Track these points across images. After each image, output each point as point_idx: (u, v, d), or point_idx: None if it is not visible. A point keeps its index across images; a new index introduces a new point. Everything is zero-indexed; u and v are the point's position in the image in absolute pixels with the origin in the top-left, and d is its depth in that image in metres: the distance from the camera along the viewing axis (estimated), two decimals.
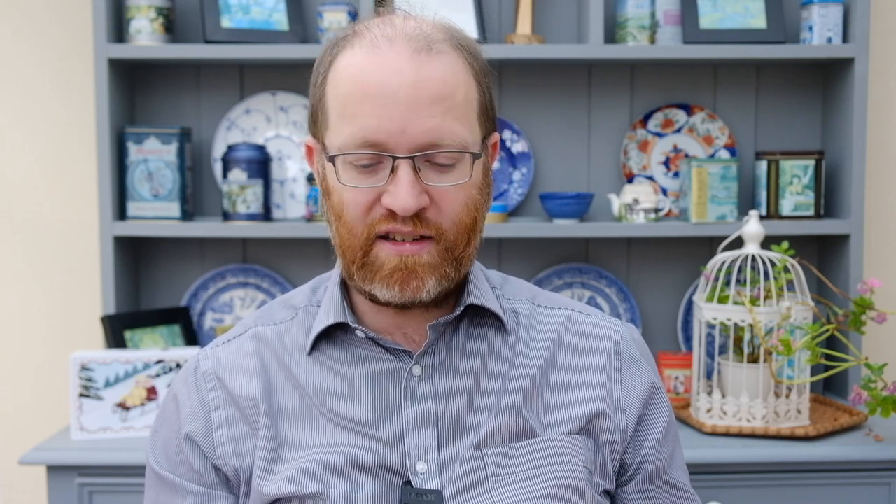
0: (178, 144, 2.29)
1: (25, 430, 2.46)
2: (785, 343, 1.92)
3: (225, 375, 1.16)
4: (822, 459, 1.95)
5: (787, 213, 2.32)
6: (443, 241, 1.07)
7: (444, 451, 1.11)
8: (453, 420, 1.12)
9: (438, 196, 1.05)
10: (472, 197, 1.08)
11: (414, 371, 1.12)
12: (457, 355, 1.14)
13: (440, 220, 1.06)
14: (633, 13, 2.28)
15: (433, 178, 1.05)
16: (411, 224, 1.05)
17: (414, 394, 1.11)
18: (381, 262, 1.07)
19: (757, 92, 2.46)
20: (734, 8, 2.33)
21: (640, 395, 1.18)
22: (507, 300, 1.21)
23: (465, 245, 1.09)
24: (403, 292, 1.07)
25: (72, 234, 2.46)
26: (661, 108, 2.44)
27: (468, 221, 1.08)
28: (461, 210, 1.07)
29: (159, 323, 2.31)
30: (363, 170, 1.05)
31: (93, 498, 1.97)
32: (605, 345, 1.20)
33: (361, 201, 1.06)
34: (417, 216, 1.05)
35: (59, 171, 2.45)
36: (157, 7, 2.27)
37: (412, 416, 1.11)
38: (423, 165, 1.04)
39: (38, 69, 2.44)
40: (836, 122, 2.37)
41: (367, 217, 1.06)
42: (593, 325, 1.21)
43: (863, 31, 2.25)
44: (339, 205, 1.07)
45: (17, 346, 2.48)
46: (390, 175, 1.04)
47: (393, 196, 1.04)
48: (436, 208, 1.06)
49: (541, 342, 1.18)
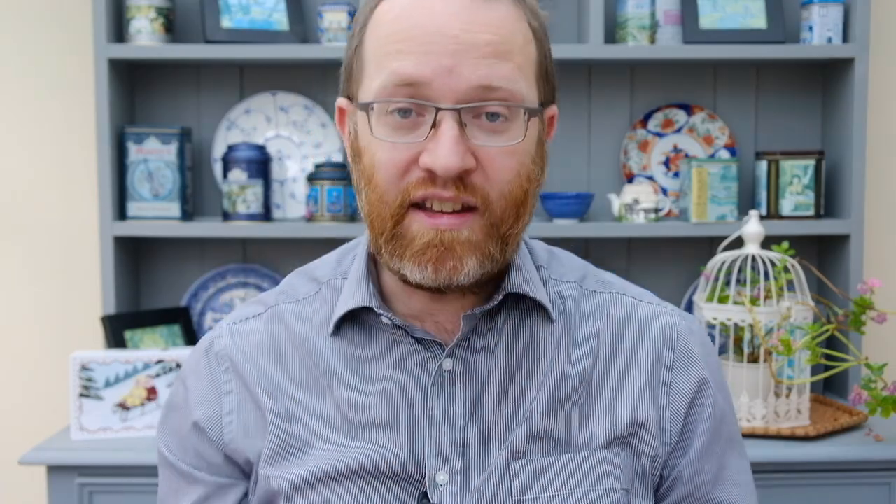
0: (178, 144, 2.29)
1: (25, 430, 2.46)
2: (785, 343, 1.92)
3: (238, 358, 1.05)
4: (822, 459, 1.95)
5: (787, 213, 2.32)
6: (488, 215, 0.92)
7: (469, 462, 0.98)
8: (483, 425, 0.99)
9: (487, 159, 0.91)
10: (524, 165, 0.94)
11: (444, 366, 0.99)
12: (493, 349, 1.01)
13: (487, 189, 0.92)
14: (633, 13, 2.28)
15: (481, 137, 0.91)
16: (453, 188, 0.91)
17: (441, 392, 0.99)
18: (413, 236, 0.92)
19: (757, 92, 2.46)
20: (734, 8, 2.33)
21: (687, 396, 1.04)
22: (554, 281, 1.06)
23: (513, 221, 0.94)
24: (438, 273, 0.92)
25: (72, 234, 2.46)
26: (661, 108, 2.44)
27: (519, 193, 0.93)
28: (512, 178, 0.93)
29: (159, 323, 2.31)
30: (401, 123, 0.91)
31: (93, 498, 1.97)
32: (659, 339, 1.05)
33: (397, 160, 0.91)
34: (462, 180, 0.91)
35: (59, 171, 2.45)
36: (157, 7, 2.27)
37: (437, 419, 0.98)
38: (470, 122, 0.91)
39: (38, 69, 2.44)
40: (836, 122, 2.37)
41: (402, 180, 0.92)
42: (647, 314, 1.06)
43: (863, 31, 2.25)
44: (371, 166, 0.93)
45: (17, 346, 2.48)
46: (431, 130, 0.90)
47: (433, 154, 0.90)
48: (482, 173, 0.92)
49: (586, 335, 1.04)
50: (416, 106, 0.91)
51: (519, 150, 0.93)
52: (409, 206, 0.92)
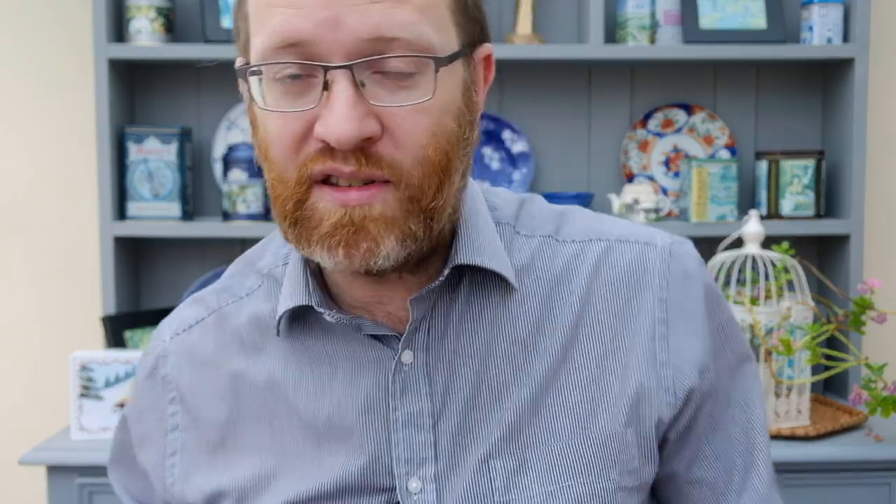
0: (178, 144, 2.29)
1: (25, 430, 2.46)
2: (785, 343, 1.92)
3: (185, 386, 0.94)
4: (822, 459, 1.95)
5: (787, 213, 2.32)
6: (403, 186, 0.78)
7: (443, 464, 0.86)
8: (454, 422, 0.87)
9: (393, 122, 0.77)
10: (441, 125, 0.79)
11: (403, 359, 0.86)
12: (455, 333, 0.87)
13: (397, 157, 0.77)
14: (633, 13, 2.28)
15: (384, 96, 0.76)
16: (354, 162, 0.76)
17: (404, 390, 0.86)
18: (319, 216, 0.78)
19: (757, 92, 2.46)
20: (734, 8, 2.33)
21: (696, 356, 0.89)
22: (525, 238, 0.91)
23: (435, 192, 0.79)
24: (351, 258, 0.78)
25: (72, 234, 2.46)
26: (661, 108, 2.44)
27: (438, 159, 0.78)
28: (426, 142, 0.78)
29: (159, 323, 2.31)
30: (291, 88, 0.78)
31: (93, 498, 1.97)
32: (650, 288, 0.89)
33: (290, 132, 0.78)
34: (364, 151, 0.76)
35: (59, 171, 2.45)
36: (157, 7, 2.27)
37: (402, 420, 0.86)
38: (368, 79, 0.76)
39: (38, 69, 2.44)
40: (836, 122, 2.37)
41: (298, 154, 0.78)
42: (637, 258, 0.90)
43: (863, 31, 2.25)
44: (265, 139, 0.80)
45: (17, 346, 2.48)
46: (323, 94, 0.76)
47: (326, 122, 0.75)
48: (390, 140, 0.77)
49: (564, 301, 0.88)
50: (304, 67, 0.76)
51: (432, 107, 0.77)
52: (311, 182, 0.78)
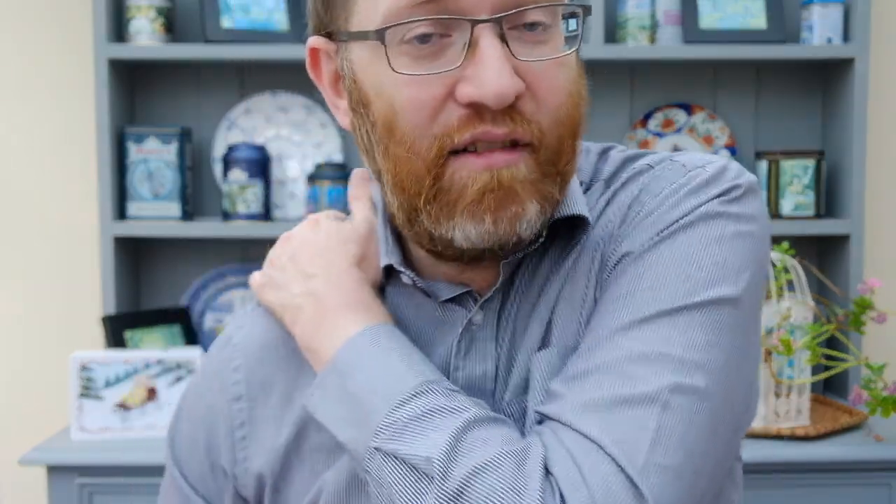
0: (178, 144, 2.29)
1: (25, 430, 2.46)
2: (785, 343, 1.92)
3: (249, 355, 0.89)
4: (822, 459, 1.94)
5: (787, 213, 2.32)
6: (543, 150, 0.74)
7: None
8: (513, 390, 0.80)
9: (534, 79, 0.72)
10: (574, 81, 0.76)
11: (475, 319, 0.80)
12: (538, 291, 0.81)
13: (537, 116, 0.73)
14: (633, 13, 2.28)
15: (525, 52, 0.72)
16: (508, 122, 0.71)
17: (469, 351, 0.80)
18: (462, 184, 0.72)
19: (757, 92, 2.46)
20: (734, 8, 2.33)
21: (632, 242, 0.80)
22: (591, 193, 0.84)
23: (569, 153, 0.75)
24: (498, 225, 0.72)
25: (72, 234, 2.46)
26: (661, 108, 2.44)
27: (571, 118, 0.75)
28: (564, 100, 0.74)
29: (159, 323, 2.31)
30: (421, 51, 0.71)
31: (93, 498, 1.97)
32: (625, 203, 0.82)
33: (426, 99, 0.71)
34: (513, 110, 0.72)
35: (59, 172, 2.45)
36: (157, 7, 2.27)
37: (463, 382, 0.80)
38: (509, 36, 0.71)
39: (38, 69, 2.44)
40: (836, 122, 2.37)
41: (436, 123, 0.72)
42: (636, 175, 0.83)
43: (863, 31, 2.25)
44: (390, 112, 0.73)
45: (17, 346, 2.48)
46: (468, 51, 0.70)
47: (477, 80, 0.70)
48: (531, 98, 0.72)
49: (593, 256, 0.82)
50: (440, 25, 0.71)
51: (566, 61, 0.74)
52: (447, 154, 0.72)
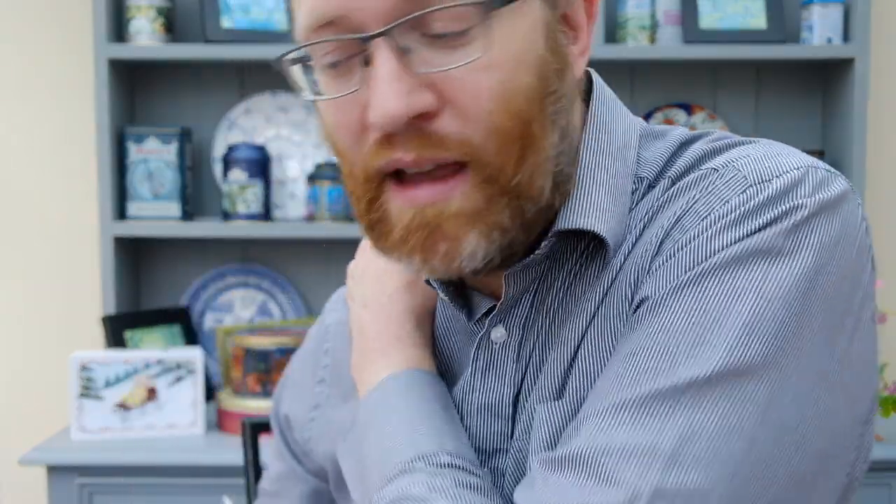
0: (178, 144, 2.29)
1: (25, 430, 2.46)
2: None
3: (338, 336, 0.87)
4: None
5: None
6: (479, 167, 0.64)
7: (512, 458, 0.73)
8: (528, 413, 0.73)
9: (451, 90, 0.63)
10: (513, 82, 0.63)
11: (493, 335, 0.73)
12: (560, 307, 0.71)
13: (466, 132, 0.63)
14: (633, 13, 2.28)
15: (434, 61, 0.63)
16: (415, 146, 0.63)
17: (487, 370, 0.74)
18: (390, 220, 0.66)
19: (757, 92, 2.46)
20: (734, 8, 2.33)
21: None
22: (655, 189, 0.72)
23: (515, 166, 0.64)
24: (429, 263, 0.66)
25: (72, 234, 2.46)
26: (661, 108, 2.44)
27: (510, 125, 0.63)
28: (493, 106, 0.63)
29: (159, 323, 2.31)
30: (336, 73, 0.65)
31: (93, 498, 1.97)
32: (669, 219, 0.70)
33: (345, 123, 0.66)
34: (423, 132, 0.63)
35: (59, 172, 2.45)
36: (157, 7, 2.27)
37: (479, 403, 0.74)
38: (416, 43, 0.63)
39: (38, 69, 2.44)
40: (836, 122, 2.37)
41: (360, 147, 0.66)
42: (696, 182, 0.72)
43: (863, 31, 2.25)
44: (329, 132, 0.69)
45: (17, 346, 2.48)
46: (364, 72, 0.63)
47: (370, 104, 0.63)
48: (453, 112, 0.63)
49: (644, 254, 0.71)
50: (339, 45, 0.64)
51: (495, 62, 0.63)
52: (380, 178, 0.66)
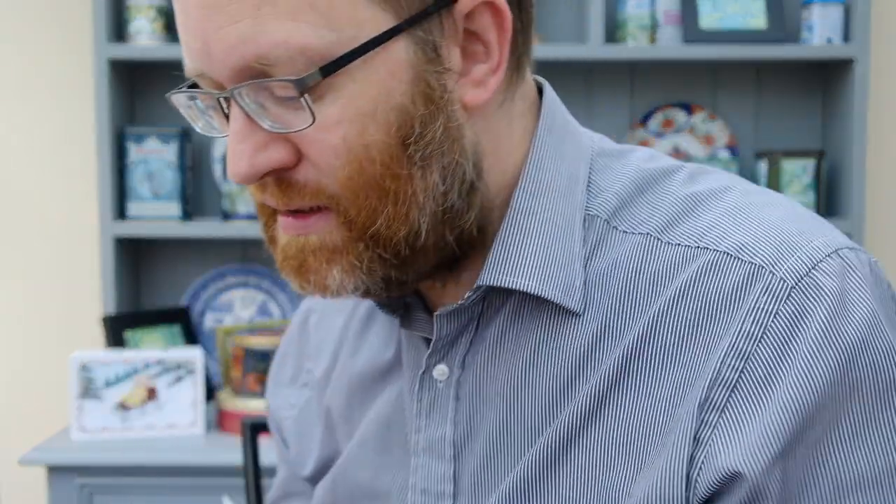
0: (178, 144, 2.29)
1: (25, 430, 2.46)
2: None
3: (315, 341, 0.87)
4: None
5: None
6: (342, 212, 0.64)
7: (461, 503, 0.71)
8: (477, 457, 0.70)
9: (303, 144, 0.63)
10: (359, 136, 0.62)
11: (436, 374, 0.72)
12: (493, 352, 0.70)
13: (323, 181, 0.63)
14: (633, 13, 2.28)
15: (285, 118, 0.63)
16: (276, 194, 0.65)
17: (431, 409, 0.72)
18: (277, 242, 0.69)
19: (757, 92, 2.46)
20: (734, 8, 2.33)
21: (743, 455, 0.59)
22: (622, 234, 0.68)
23: (369, 216, 0.64)
24: (305, 288, 0.67)
25: (72, 234, 2.46)
26: (661, 108, 2.44)
27: (362, 179, 0.63)
28: (340, 162, 0.62)
29: (159, 323, 2.31)
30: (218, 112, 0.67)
31: (93, 498, 1.97)
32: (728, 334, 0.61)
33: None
34: (281, 182, 0.64)
35: (59, 172, 2.45)
36: (157, 7, 2.27)
37: (423, 444, 0.73)
38: (266, 101, 0.62)
39: (37, 69, 2.44)
40: (836, 122, 2.37)
41: None
42: (740, 285, 0.62)
43: (863, 31, 2.25)
44: None
45: (17, 346, 2.48)
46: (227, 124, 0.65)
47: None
48: (309, 163, 0.63)
49: (631, 322, 0.65)
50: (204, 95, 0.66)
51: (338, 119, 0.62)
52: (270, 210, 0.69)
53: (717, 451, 0.60)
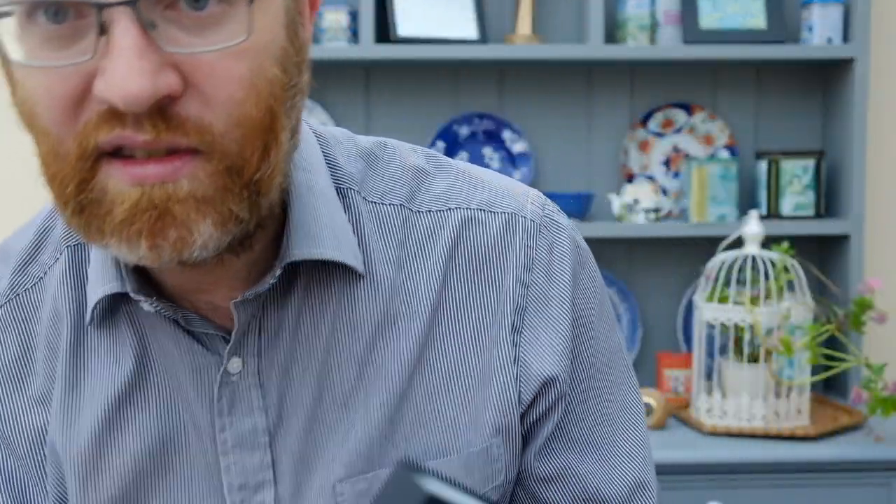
0: None
1: None
2: (785, 343, 1.92)
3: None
4: (822, 459, 1.95)
5: (787, 213, 2.32)
6: (218, 156, 0.59)
7: (284, 488, 0.71)
8: (296, 437, 0.71)
9: (198, 73, 0.58)
10: (262, 72, 0.60)
11: (230, 368, 0.70)
12: (293, 332, 0.71)
13: (206, 118, 0.58)
14: (633, 13, 2.28)
15: (183, 40, 0.57)
16: (150, 128, 0.57)
17: (233, 405, 0.70)
18: (110, 199, 0.59)
19: (757, 92, 2.46)
20: (734, 8, 2.33)
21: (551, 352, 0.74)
22: (372, 204, 0.74)
23: (259, 159, 0.60)
24: (156, 249, 0.59)
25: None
26: (661, 108, 2.44)
27: (259, 116, 0.60)
28: (243, 96, 0.59)
29: None
30: (54, 33, 0.57)
31: None
32: (512, 270, 0.74)
33: (60, 93, 0.57)
34: (162, 113, 0.57)
35: None
36: None
37: (232, 441, 0.71)
38: (160, 18, 0.57)
39: None
40: (836, 122, 2.37)
41: (76, 121, 0.58)
42: (501, 232, 0.75)
43: (863, 31, 2.25)
44: (28, 102, 0.59)
45: None
46: (101, 40, 0.56)
47: (107, 77, 0.56)
48: (196, 96, 0.58)
49: (421, 284, 0.73)
50: (71, 4, 0.57)
51: (248, 49, 0.58)
52: (97, 155, 0.59)
53: (529, 363, 0.74)
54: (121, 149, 0.58)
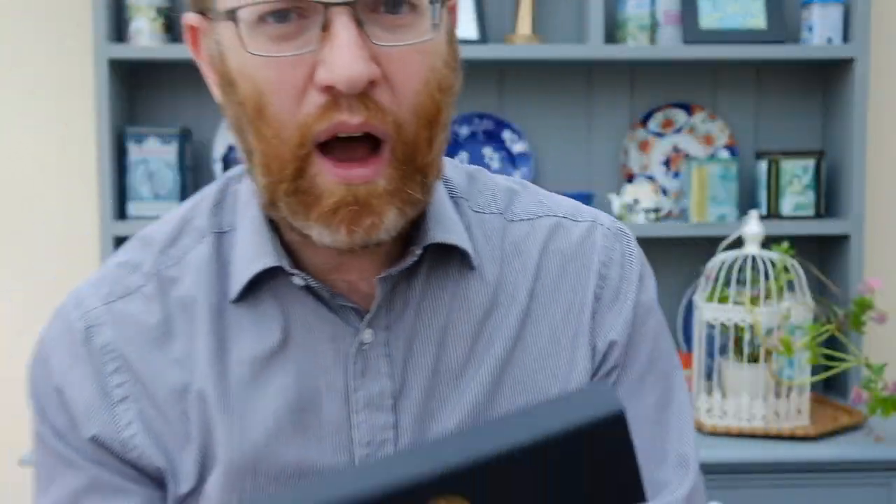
0: (178, 144, 2.30)
1: (26, 430, 2.46)
2: (785, 343, 1.92)
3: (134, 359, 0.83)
4: (822, 459, 1.95)
5: (787, 213, 2.32)
6: (400, 146, 0.73)
7: (403, 445, 0.83)
8: (416, 402, 0.83)
9: (391, 65, 0.71)
10: (435, 69, 0.74)
11: (364, 338, 0.81)
12: (416, 310, 0.83)
13: (393, 106, 0.72)
14: (633, 13, 2.28)
15: (384, 37, 0.71)
16: (362, 110, 0.70)
17: (366, 370, 0.81)
18: (319, 192, 0.73)
19: (757, 92, 2.46)
20: (734, 8, 2.33)
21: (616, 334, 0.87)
22: (477, 214, 0.87)
23: (427, 146, 0.74)
24: (352, 235, 0.73)
25: (72, 234, 2.46)
26: (661, 108, 2.44)
27: (430, 107, 0.74)
28: (420, 88, 0.73)
29: None
30: (280, 32, 0.71)
31: None
32: (593, 265, 0.88)
33: (288, 80, 0.71)
34: (368, 98, 0.71)
35: (59, 171, 2.45)
36: (157, 7, 2.27)
37: (363, 402, 0.82)
38: (367, 19, 0.71)
39: (38, 69, 2.44)
40: (836, 122, 2.37)
41: (300, 109, 0.71)
42: (585, 236, 0.89)
43: (863, 31, 2.26)
44: (255, 94, 0.72)
45: (18, 347, 2.48)
46: (322, 34, 0.70)
47: (331, 64, 0.69)
48: (387, 86, 0.71)
49: (520, 277, 0.86)
50: (295, 6, 0.70)
51: (427, 49, 0.72)
52: (312, 147, 0.72)
53: (601, 334, 0.87)
54: (329, 146, 0.71)
